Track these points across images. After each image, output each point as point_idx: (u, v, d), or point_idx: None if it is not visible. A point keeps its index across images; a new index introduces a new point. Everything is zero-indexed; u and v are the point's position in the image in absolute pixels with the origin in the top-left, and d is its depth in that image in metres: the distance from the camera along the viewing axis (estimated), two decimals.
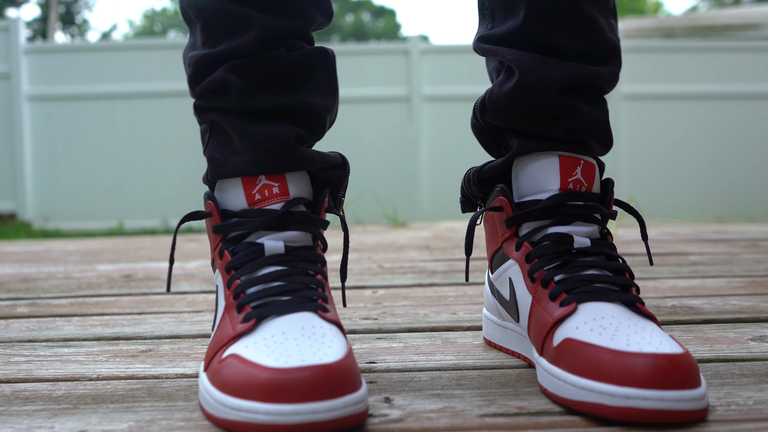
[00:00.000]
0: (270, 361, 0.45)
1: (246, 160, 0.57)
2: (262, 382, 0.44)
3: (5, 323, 0.84)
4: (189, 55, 0.59)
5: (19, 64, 4.08)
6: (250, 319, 0.51)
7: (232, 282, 0.54)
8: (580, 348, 0.49)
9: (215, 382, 0.48)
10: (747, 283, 1.02)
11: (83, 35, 18.46)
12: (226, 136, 0.59)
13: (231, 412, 0.45)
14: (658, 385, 0.44)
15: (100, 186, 4.17)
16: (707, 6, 17.69)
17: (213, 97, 0.58)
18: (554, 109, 0.59)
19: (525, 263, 0.58)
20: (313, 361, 0.44)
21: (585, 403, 0.47)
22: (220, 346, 0.51)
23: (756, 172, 4.34)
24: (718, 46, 4.42)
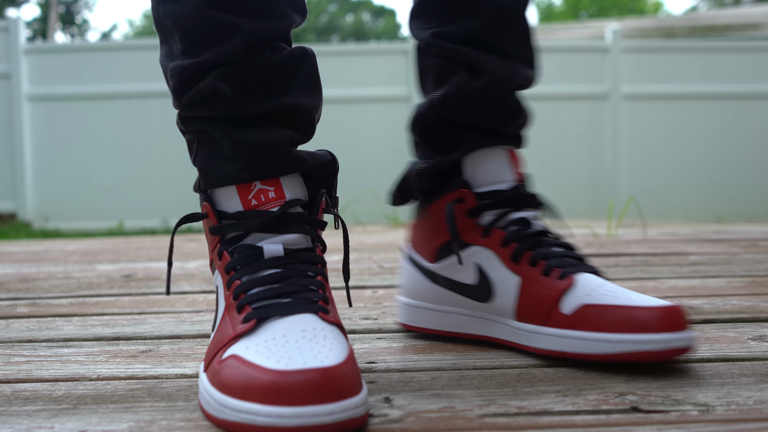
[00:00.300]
0: (271, 363, 0.46)
1: (239, 168, 0.57)
2: (262, 384, 0.44)
3: (5, 323, 0.84)
4: (170, 65, 0.59)
5: (19, 64, 4.09)
6: (250, 319, 0.51)
7: (232, 282, 0.54)
8: (605, 310, 0.57)
9: (215, 383, 0.48)
10: (747, 283, 1.02)
11: (83, 35, 18.45)
12: (216, 144, 0.58)
13: (231, 413, 0.45)
14: (667, 328, 0.56)
15: (100, 186, 4.17)
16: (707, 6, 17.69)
17: (201, 106, 0.58)
18: (511, 108, 0.67)
19: (502, 248, 0.63)
20: (314, 364, 0.44)
21: (627, 353, 0.56)
22: (221, 347, 0.51)
23: (756, 172, 4.34)
24: (718, 46, 4.42)
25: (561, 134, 4.29)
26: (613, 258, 1.35)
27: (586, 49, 4.40)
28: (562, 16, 19.53)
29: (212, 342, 0.54)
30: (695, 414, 0.47)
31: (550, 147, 4.29)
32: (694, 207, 4.29)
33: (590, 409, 0.49)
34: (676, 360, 0.60)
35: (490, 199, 0.65)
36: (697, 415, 0.47)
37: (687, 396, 0.51)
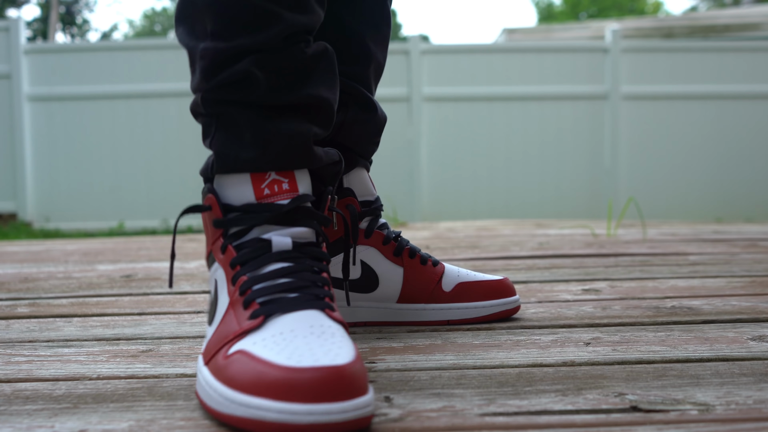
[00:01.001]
0: (281, 359, 0.45)
1: (257, 156, 0.57)
2: (274, 380, 0.44)
3: (6, 323, 0.84)
4: (200, 46, 0.58)
5: (19, 64, 4.09)
6: (258, 315, 0.51)
7: (238, 278, 0.54)
8: (473, 285, 0.78)
9: (221, 378, 0.48)
10: (747, 283, 1.02)
11: (83, 35, 18.46)
12: (237, 129, 0.58)
13: (238, 408, 0.45)
14: (512, 292, 0.82)
15: (101, 186, 4.17)
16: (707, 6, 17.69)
17: (231, 90, 0.57)
18: (378, 138, 0.80)
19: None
20: (325, 362, 0.44)
21: (496, 313, 0.79)
22: (225, 342, 0.51)
23: (756, 172, 4.35)
24: (718, 46, 4.42)
25: (561, 134, 4.29)
26: (612, 258, 1.35)
27: (585, 50, 4.40)
28: (561, 16, 19.53)
29: (214, 337, 0.54)
30: (695, 413, 0.47)
31: (550, 147, 4.29)
32: (694, 207, 4.29)
33: (590, 409, 0.49)
34: (675, 360, 0.61)
35: (366, 208, 0.77)
36: (697, 414, 0.47)
37: (687, 395, 0.51)
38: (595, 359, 0.61)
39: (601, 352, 0.64)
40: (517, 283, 1.05)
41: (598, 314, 0.81)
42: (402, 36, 19.95)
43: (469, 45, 4.55)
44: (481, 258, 1.41)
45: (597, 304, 0.88)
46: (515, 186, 4.29)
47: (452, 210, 4.16)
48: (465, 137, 4.26)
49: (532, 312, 0.83)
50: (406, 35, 14.26)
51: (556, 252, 1.47)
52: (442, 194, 4.24)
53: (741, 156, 4.35)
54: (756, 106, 4.32)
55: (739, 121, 4.33)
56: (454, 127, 4.25)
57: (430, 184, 4.25)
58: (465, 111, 4.25)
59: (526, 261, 1.34)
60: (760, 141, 4.34)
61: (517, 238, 1.85)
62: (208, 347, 0.54)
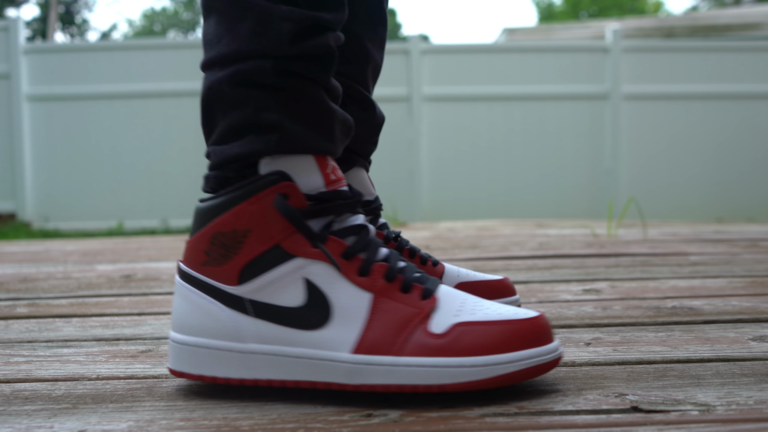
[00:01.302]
0: (508, 317, 0.51)
1: (325, 138, 0.54)
2: (527, 333, 0.50)
3: (5, 324, 0.84)
4: (284, 8, 0.51)
5: (18, 64, 4.09)
6: (429, 295, 0.52)
7: (370, 266, 0.52)
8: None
9: (453, 352, 0.49)
10: (747, 284, 1.02)
11: (83, 35, 18.46)
12: (308, 107, 0.53)
13: (509, 366, 0.49)
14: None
15: (100, 186, 4.17)
16: (708, 6, 17.70)
17: (311, 63, 0.53)
18: (376, 138, 0.80)
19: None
20: (530, 314, 0.52)
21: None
22: (411, 326, 0.50)
23: (756, 172, 4.35)
24: (719, 46, 4.42)
25: (561, 134, 4.29)
26: (613, 258, 1.35)
27: (586, 49, 4.40)
28: (562, 15, 19.53)
29: (376, 330, 0.51)
30: (696, 414, 0.47)
31: (551, 147, 4.29)
32: (695, 207, 4.29)
33: (590, 409, 0.49)
34: (676, 360, 0.60)
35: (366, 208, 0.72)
36: (698, 415, 0.47)
37: (687, 396, 0.51)
38: (596, 359, 0.61)
39: (602, 352, 0.64)
40: (517, 283, 1.05)
41: (598, 314, 0.81)
42: (402, 36, 19.95)
43: (470, 45, 4.55)
44: (481, 258, 1.41)
45: (597, 304, 0.88)
46: (515, 186, 4.28)
47: (452, 210, 4.16)
48: (465, 137, 4.26)
49: None
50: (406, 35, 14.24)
51: (556, 252, 1.47)
52: (442, 194, 4.24)
53: (742, 156, 4.35)
54: (757, 106, 4.32)
55: (740, 120, 4.33)
56: (454, 127, 4.25)
57: (430, 184, 4.25)
58: (465, 111, 4.25)
59: (526, 261, 1.34)
60: (761, 141, 4.34)
61: (517, 238, 1.85)
62: (378, 339, 0.50)
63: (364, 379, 0.50)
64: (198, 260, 0.55)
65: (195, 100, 4.60)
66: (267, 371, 0.52)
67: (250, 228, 0.52)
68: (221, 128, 0.54)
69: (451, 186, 4.27)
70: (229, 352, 0.53)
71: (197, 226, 0.55)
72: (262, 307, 0.53)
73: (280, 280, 0.52)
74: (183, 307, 0.56)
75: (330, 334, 0.51)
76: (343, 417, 0.48)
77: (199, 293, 0.55)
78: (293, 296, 0.52)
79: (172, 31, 22.79)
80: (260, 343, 0.53)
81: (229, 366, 0.53)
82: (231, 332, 0.53)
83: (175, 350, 0.55)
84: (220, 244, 0.53)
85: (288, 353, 0.52)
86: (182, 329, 0.55)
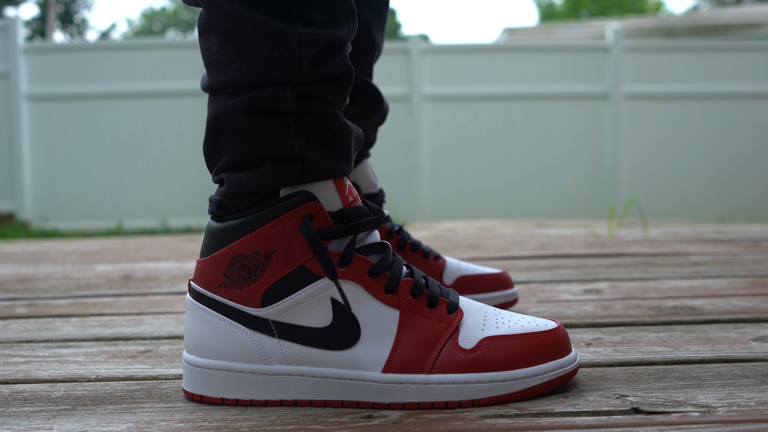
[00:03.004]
0: (531, 329, 0.52)
1: (344, 161, 0.53)
2: (550, 345, 0.52)
3: (4, 324, 0.83)
4: (297, 29, 0.49)
5: (17, 64, 4.08)
6: (455, 308, 0.53)
7: (398, 284, 0.52)
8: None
9: (485, 368, 0.50)
10: (748, 284, 1.02)
11: (82, 35, 18.46)
12: (320, 131, 0.51)
13: (536, 378, 0.51)
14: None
15: (99, 186, 4.17)
16: (708, 5, 17.70)
17: (329, 85, 0.51)
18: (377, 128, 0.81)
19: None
20: (550, 325, 0.53)
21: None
22: (440, 342, 0.51)
23: (757, 171, 4.34)
24: (720, 46, 4.42)
25: (562, 134, 4.29)
26: (614, 258, 1.34)
27: (586, 49, 4.40)
28: (562, 15, 19.53)
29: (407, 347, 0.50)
30: (696, 415, 0.47)
31: (551, 147, 4.29)
32: (696, 207, 4.29)
33: (591, 410, 0.48)
34: (677, 361, 0.60)
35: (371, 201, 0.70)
36: (699, 416, 0.47)
37: (688, 397, 0.51)
38: (597, 360, 0.61)
39: (603, 353, 0.64)
40: (518, 283, 1.05)
41: (599, 314, 0.81)
42: (402, 36, 19.94)
43: (470, 44, 4.55)
44: (481, 258, 1.41)
45: (598, 304, 0.87)
46: (516, 186, 4.28)
47: (452, 210, 4.16)
48: (465, 137, 4.26)
49: (533, 312, 0.83)
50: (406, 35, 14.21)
51: (557, 252, 1.47)
52: (443, 194, 4.24)
53: (743, 156, 4.35)
54: (757, 106, 4.32)
55: (740, 120, 4.33)
56: (454, 127, 4.25)
57: (430, 184, 4.25)
58: (465, 111, 4.25)
59: (526, 261, 1.33)
60: (761, 141, 4.34)
61: (517, 238, 1.85)
62: (409, 359, 0.50)
63: (395, 398, 0.50)
64: (214, 281, 0.53)
65: (195, 100, 4.59)
66: (293, 392, 0.52)
67: (274, 250, 0.51)
68: (234, 156, 0.52)
69: (451, 186, 4.27)
70: (252, 374, 0.52)
71: (213, 247, 0.53)
72: (288, 329, 0.52)
73: (306, 301, 0.51)
74: (199, 329, 0.54)
75: (359, 354, 0.51)
76: (343, 419, 0.48)
77: (218, 315, 0.53)
78: (320, 317, 0.51)
79: (172, 30, 22.78)
80: (286, 365, 0.52)
81: (253, 388, 0.52)
82: (254, 354, 0.52)
83: (192, 373, 0.53)
84: (241, 266, 0.52)
85: (316, 374, 0.51)
86: (199, 352, 0.53)
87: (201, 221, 4.14)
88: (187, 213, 4.13)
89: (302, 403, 0.51)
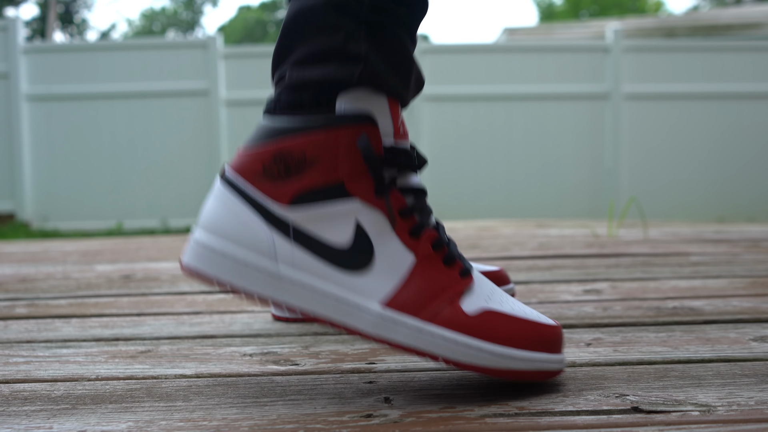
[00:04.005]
0: (532, 317, 0.52)
1: (403, 84, 0.54)
2: (546, 338, 0.52)
3: (4, 324, 0.83)
4: None
5: (17, 64, 4.08)
6: (467, 275, 0.53)
7: (422, 231, 0.53)
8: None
9: (486, 337, 0.50)
10: (748, 284, 1.02)
11: (82, 35, 18.46)
12: (387, 47, 0.52)
13: (521, 363, 0.51)
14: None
15: (99, 186, 4.17)
16: (708, 5, 17.70)
17: (407, 7, 0.53)
18: None
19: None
20: (550, 321, 0.53)
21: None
22: (442, 298, 0.51)
23: (757, 171, 4.35)
24: (720, 46, 4.42)
25: (562, 134, 4.29)
26: (614, 258, 1.34)
27: (586, 49, 4.40)
28: (562, 15, 19.53)
29: (410, 289, 0.51)
30: (696, 414, 0.47)
31: (551, 147, 4.29)
32: (696, 207, 4.29)
33: (591, 410, 0.48)
34: (677, 360, 0.60)
35: None
36: (699, 415, 0.47)
37: (688, 396, 0.51)
38: (596, 360, 0.61)
39: (602, 352, 0.64)
40: (518, 283, 1.05)
41: (599, 315, 0.81)
42: None
43: (470, 44, 4.55)
44: (481, 258, 1.41)
45: (598, 304, 0.87)
46: (516, 186, 4.28)
47: (452, 210, 4.16)
48: (465, 137, 4.26)
49: None
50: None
51: (557, 252, 1.47)
52: (442, 194, 4.24)
53: (743, 156, 4.35)
54: (758, 106, 4.32)
55: (741, 120, 4.33)
56: (454, 127, 4.25)
57: (430, 184, 4.25)
58: (466, 110, 4.25)
59: (526, 261, 1.33)
60: (762, 141, 4.34)
61: (517, 238, 1.85)
62: (411, 302, 0.51)
63: (387, 334, 0.50)
64: (251, 171, 0.53)
65: (194, 100, 4.59)
66: (288, 296, 0.51)
67: (321, 157, 0.51)
68: (303, 51, 0.53)
69: (451, 186, 4.27)
70: (256, 267, 0.52)
71: (260, 139, 0.53)
72: (305, 236, 0.52)
73: (332, 216, 0.52)
74: (218, 211, 0.53)
75: (365, 282, 0.51)
76: (343, 418, 0.48)
77: (242, 203, 0.53)
78: (340, 235, 0.51)
79: (172, 30, 22.79)
80: (292, 268, 0.51)
81: (250, 279, 0.52)
82: (266, 249, 0.52)
83: (197, 248, 0.53)
84: (282, 163, 0.52)
85: (317, 287, 0.51)
86: (211, 230, 0.53)
87: None
88: (187, 213, 4.13)
89: (291, 309, 0.51)
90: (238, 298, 0.52)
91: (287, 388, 0.55)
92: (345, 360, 0.63)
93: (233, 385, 0.56)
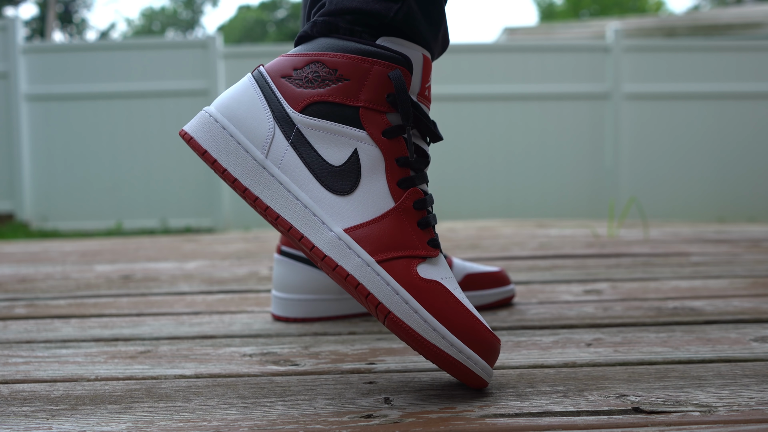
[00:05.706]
0: (481, 318, 0.52)
1: (433, 35, 0.55)
2: (482, 340, 0.50)
3: (3, 324, 0.83)
4: None
5: (17, 64, 4.08)
6: (437, 246, 0.53)
7: (410, 187, 0.54)
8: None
9: (424, 304, 0.50)
10: (749, 284, 1.02)
11: (81, 34, 18.46)
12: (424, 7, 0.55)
13: (450, 348, 0.49)
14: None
15: (99, 186, 4.17)
16: (709, 5, 17.69)
17: None
18: None
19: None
20: (493, 333, 0.52)
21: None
22: (403, 252, 0.51)
23: (758, 171, 4.34)
24: (720, 46, 4.42)
25: (562, 134, 4.29)
26: (614, 258, 1.34)
27: (587, 49, 4.40)
28: (563, 15, 19.53)
29: (375, 229, 0.52)
30: (697, 415, 0.47)
31: (551, 146, 4.29)
32: (696, 207, 4.29)
33: (591, 410, 0.48)
34: (677, 361, 0.60)
35: None
36: (699, 416, 0.47)
37: (689, 397, 0.51)
38: (597, 360, 0.61)
39: (603, 353, 0.64)
40: (518, 283, 1.05)
41: (599, 315, 0.81)
42: None
43: (470, 44, 4.55)
44: (481, 258, 1.40)
45: (598, 304, 0.87)
46: (516, 186, 4.28)
47: (452, 210, 4.16)
48: (466, 136, 4.26)
49: (533, 313, 0.83)
50: None
51: (557, 252, 1.47)
52: (442, 194, 4.24)
53: (743, 156, 4.35)
54: (758, 106, 4.32)
55: (741, 120, 4.33)
56: (454, 127, 4.25)
57: (429, 184, 4.25)
58: (466, 110, 4.25)
59: (527, 261, 1.33)
60: (762, 141, 4.34)
61: (518, 238, 1.85)
62: (371, 240, 0.51)
63: (337, 256, 0.51)
64: (281, 72, 0.56)
65: (194, 100, 4.58)
66: (262, 190, 0.53)
67: (349, 78, 0.53)
68: None
69: (451, 186, 4.27)
70: (246, 151, 0.54)
71: (301, 48, 0.56)
72: (304, 141, 0.54)
73: (336, 136, 0.54)
74: (235, 96, 0.57)
75: (338, 205, 0.52)
76: (343, 418, 0.48)
77: (259, 94, 0.56)
78: (335, 156, 0.53)
79: (172, 30, 22.78)
80: (277, 167, 0.54)
81: (236, 162, 0.54)
82: (261, 141, 0.54)
83: (201, 118, 0.56)
84: (311, 71, 0.54)
85: (292, 191, 0.53)
86: (222, 109, 0.56)
87: (201, 221, 4.14)
88: (186, 213, 4.13)
89: (259, 203, 0.53)
90: (219, 176, 0.53)
91: (287, 388, 0.55)
92: (345, 360, 0.63)
93: (233, 386, 0.56)
